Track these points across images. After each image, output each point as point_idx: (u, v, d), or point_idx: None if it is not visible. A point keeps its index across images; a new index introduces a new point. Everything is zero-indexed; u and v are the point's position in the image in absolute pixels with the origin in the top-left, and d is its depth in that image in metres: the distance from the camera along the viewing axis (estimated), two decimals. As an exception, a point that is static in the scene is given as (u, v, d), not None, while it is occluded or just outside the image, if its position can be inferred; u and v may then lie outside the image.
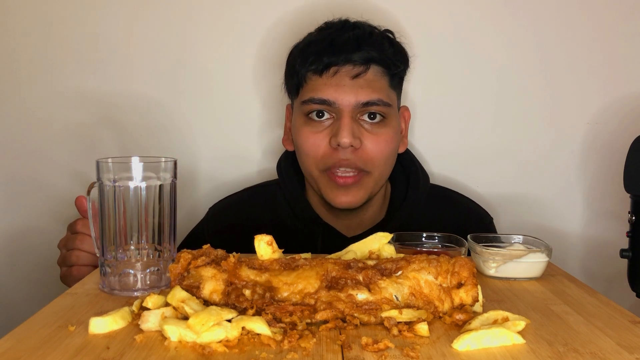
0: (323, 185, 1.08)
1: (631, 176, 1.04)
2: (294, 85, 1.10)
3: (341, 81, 1.04)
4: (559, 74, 1.35)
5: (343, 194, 1.06)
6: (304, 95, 1.07)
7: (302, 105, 1.07)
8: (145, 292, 0.77)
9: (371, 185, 1.08)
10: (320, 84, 1.05)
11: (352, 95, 1.03)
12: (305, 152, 1.07)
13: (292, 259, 0.73)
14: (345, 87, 1.03)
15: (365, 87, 1.04)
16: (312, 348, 0.61)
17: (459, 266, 0.71)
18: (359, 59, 1.03)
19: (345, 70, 1.04)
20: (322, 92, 1.04)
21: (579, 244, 1.39)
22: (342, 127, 1.02)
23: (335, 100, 1.03)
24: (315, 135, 1.05)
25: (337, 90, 1.03)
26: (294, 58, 1.10)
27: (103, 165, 0.79)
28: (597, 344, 0.63)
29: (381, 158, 1.06)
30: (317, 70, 1.05)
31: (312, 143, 1.06)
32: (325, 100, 1.04)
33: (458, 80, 1.36)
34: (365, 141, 1.04)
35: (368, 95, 1.03)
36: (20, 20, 1.33)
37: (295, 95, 1.11)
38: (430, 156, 1.37)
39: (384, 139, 1.06)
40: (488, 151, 1.37)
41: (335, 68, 1.04)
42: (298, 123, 1.09)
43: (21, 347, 0.60)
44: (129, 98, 1.36)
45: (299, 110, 1.09)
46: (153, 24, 1.34)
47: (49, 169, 1.37)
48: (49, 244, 1.37)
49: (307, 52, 1.07)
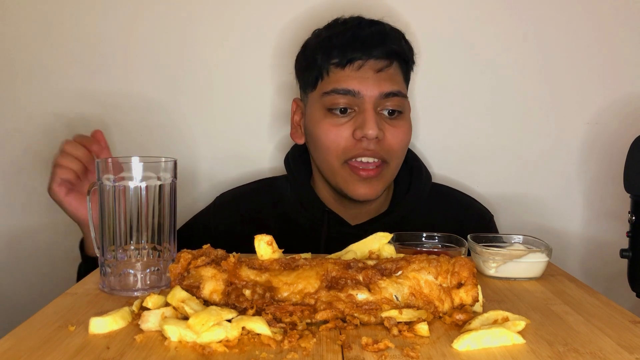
0: (343, 178, 1.09)
1: (631, 176, 1.04)
2: (313, 78, 1.10)
3: (365, 74, 1.06)
4: (559, 74, 1.35)
5: (364, 186, 1.08)
6: (325, 87, 1.08)
7: (322, 97, 1.08)
8: (145, 292, 0.77)
9: (388, 176, 1.11)
10: (344, 76, 1.06)
11: (376, 87, 1.05)
12: (326, 145, 1.08)
13: (292, 259, 0.73)
14: (369, 79, 1.06)
15: (387, 79, 1.07)
16: (312, 348, 0.61)
17: (459, 266, 0.71)
18: (382, 53, 1.07)
19: (369, 64, 1.06)
20: (346, 83, 1.06)
21: (579, 244, 1.39)
22: (368, 119, 1.04)
23: (359, 91, 1.05)
24: (337, 128, 1.07)
25: (361, 82, 1.05)
26: (313, 51, 1.11)
27: (103, 165, 0.79)
28: (597, 344, 0.63)
29: (400, 149, 1.10)
30: (341, 64, 1.07)
31: (335, 135, 1.07)
32: (349, 90, 1.05)
33: (458, 80, 1.36)
34: (387, 133, 1.07)
35: (390, 86, 1.06)
36: (20, 20, 1.33)
37: (312, 88, 1.11)
38: (431, 155, 1.37)
39: (402, 130, 1.09)
40: (488, 151, 1.37)
41: (359, 62, 1.06)
42: (316, 116, 1.09)
43: (21, 347, 0.60)
44: (129, 98, 1.36)
45: (318, 102, 1.09)
46: (153, 24, 1.34)
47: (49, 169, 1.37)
48: (49, 244, 1.38)
49: (329, 45, 1.08)
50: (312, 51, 1.11)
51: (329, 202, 1.17)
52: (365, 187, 1.08)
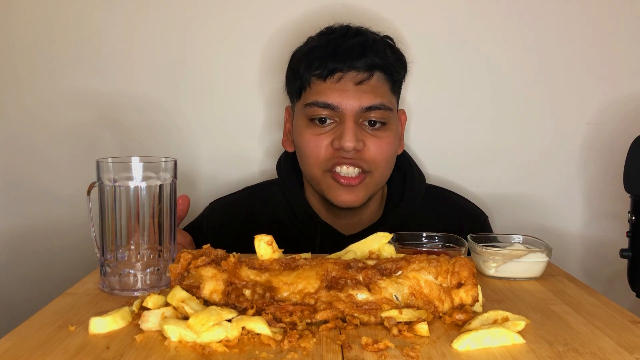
0: (325, 185, 1.09)
1: (631, 176, 1.04)
2: (297, 88, 1.11)
3: (345, 86, 1.05)
4: (559, 74, 1.35)
5: (346, 193, 1.07)
6: (307, 98, 1.08)
7: (304, 108, 1.08)
8: (145, 292, 0.77)
9: (372, 185, 1.10)
10: (325, 89, 1.06)
11: (356, 100, 1.05)
12: (307, 154, 1.09)
13: (292, 259, 0.73)
14: (349, 92, 1.05)
15: (369, 92, 1.05)
16: (312, 348, 0.61)
17: (459, 266, 0.71)
18: (363, 65, 1.05)
19: (350, 76, 1.06)
20: (326, 97, 1.05)
21: (579, 244, 1.39)
22: (346, 131, 1.04)
23: (339, 105, 1.05)
24: (317, 137, 1.07)
25: (341, 95, 1.05)
26: (298, 62, 1.11)
27: (103, 165, 0.79)
28: (597, 344, 0.63)
29: (382, 160, 1.08)
30: (322, 75, 1.06)
31: (315, 145, 1.07)
32: (329, 104, 1.05)
33: (456, 80, 1.36)
34: (368, 143, 1.06)
35: (371, 100, 1.05)
36: (20, 20, 1.33)
37: (297, 97, 1.12)
38: (429, 157, 1.37)
39: (385, 141, 1.08)
40: (488, 151, 1.37)
41: (340, 74, 1.06)
42: (300, 125, 1.10)
43: (21, 347, 0.60)
44: (129, 98, 1.36)
45: (301, 112, 1.10)
46: (153, 24, 1.34)
47: (49, 169, 1.37)
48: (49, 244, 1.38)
49: (312, 56, 1.08)
50: (297, 61, 1.12)
51: (321, 212, 1.17)
52: (347, 194, 1.07)
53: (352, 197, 1.08)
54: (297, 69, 1.10)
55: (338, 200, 1.08)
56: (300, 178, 1.19)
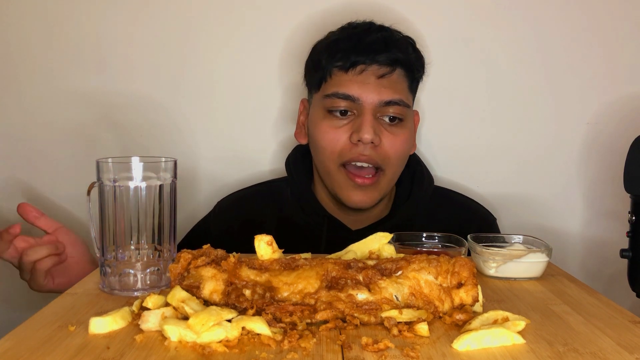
0: (339, 183, 1.09)
1: (631, 176, 1.03)
2: (317, 79, 1.11)
3: (366, 79, 1.06)
4: (559, 74, 1.35)
5: (359, 194, 1.08)
6: (327, 89, 1.08)
7: (324, 99, 1.08)
8: (145, 292, 0.77)
9: (385, 185, 1.10)
10: (346, 80, 1.07)
11: (376, 93, 1.05)
12: (323, 146, 1.08)
13: (292, 259, 0.73)
14: (370, 85, 1.05)
15: (389, 87, 1.06)
16: (312, 348, 0.61)
17: (459, 266, 0.71)
18: (385, 59, 1.06)
19: (372, 69, 1.06)
20: (346, 88, 1.06)
21: (579, 244, 1.39)
22: (365, 123, 1.04)
23: (359, 97, 1.05)
24: (335, 130, 1.07)
25: (362, 88, 1.05)
26: (319, 53, 1.11)
27: (103, 165, 0.79)
28: (597, 344, 0.63)
29: (397, 157, 1.09)
30: (344, 67, 1.07)
31: (332, 137, 1.07)
32: (349, 95, 1.05)
33: (457, 80, 1.36)
34: (384, 139, 1.06)
35: (391, 94, 1.06)
36: (20, 20, 1.33)
37: (316, 89, 1.12)
38: (429, 157, 1.37)
39: (401, 139, 1.08)
40: (488, 151, 1.37)
41: (362, 66, 1.06)
42: (317, 116, 1.10)
43: (21, 347, 0.60)
44: (129, 98, 1.35)
45: (319, 104, 1.10)
46: (154, 24, 1.34)
47: (49, 169, 1.37)
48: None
49: (335, 48, 1.08)
50: (318, 53, 1.12)
51: (329, 206, 1.17)
52: (360, 194, 1.08)
53: (365, 198, 1.08)
54: (318, 60, 1.10)
55: (350, 201, 1.08)
56: (309, 173, 1.19)
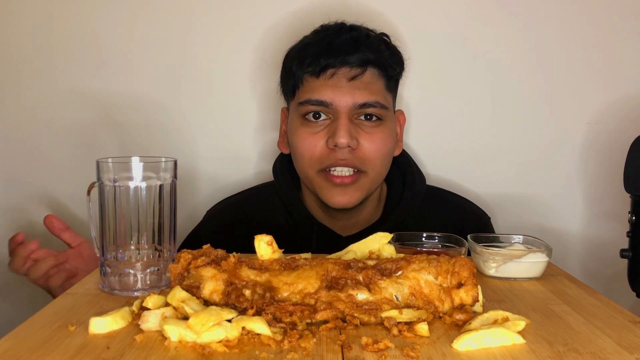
0: (319, 186, 1.08)
1: (631, 176, 1.03)
2: (290, 87, 1.11)
3: (338, 83, 1.04)
4: (559, 74, 1.35)
5: (340, 194, 1.06)
6: (300, 97, 1.07)
7: (298, 107, 1.08)
8: (145, 292, 0.77)
9: (367, 185, 1.08)
10: (317, 85, 1.05)
11: (349, 96, 1.04)
12: (301, 153, 1.08)
13: (292, 259, 0.73)
14: (342, 88, 1.04)
15: (362, 88, 1.04)
16: (312, 348, 0.61)
17: (459, 266, 0.71)
18: (355, 60, 1.04)
19: (342, 72, 1.05)
20: (319, 94, 1.05)
21: (579, 244, 1.39)
22: (340, 127, 1.02)
23: (332, 102, 1.04)
24: (312, 136, 1.06)
25: (334, 92, 1.04)
26: (291, 60, 1.11)
27: (103, 165, 0.79)
28: (597, 344, 0.63)
29: (377, 157, 1.07)
30: (314, 72, 1.05)
31: (309, 144, 1.06)
32: (322, 101, 1.04)
33: (457, 80, 1.36)
34: (362, 141, 1.05)
35: (365, 97, 1.04)
36: (20, 20, 1.33)
37: (291, 96, 1.11)
38: (428, 157, 1.37)
39: (379, 137, 1.06)
40: (488, 151, 1.37)
41: (332, 70, 1.05)
42: (294, 124, 1.09)
43: (21, 347, 0.60)
44: (129, 98, 1.36)
45: (295, 111, 1.09)
46: (153, 24, 1.34)
47: (49, 169, 1.37)
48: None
49: (304, 54, 1.07)
50: (289, 59, 1.11)
51: (318, 213, 1.16)
52: (341, 194, 1.06)
53: (346, 197, 1.06)
54: (290, 68, 1.10)
55: (332, 201, 1.07)
56: (296, 179, 1.18)
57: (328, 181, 1.06)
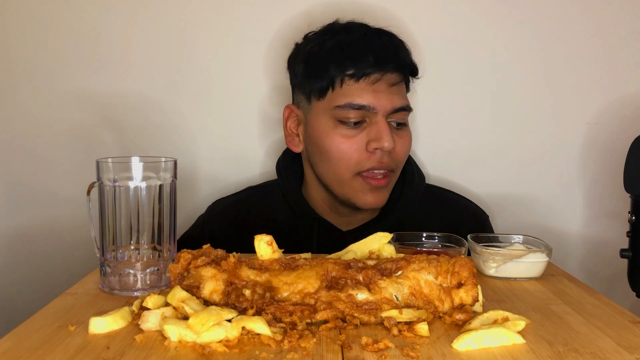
0: (353, 189, 1.08)
1: (631, 176, 1.03)
2: (321, 87, 1.07)
3: (379, 87, 1.05)
4: (559, 73, 1.35)
5: (373, 195, 1.08)
6: (336, 100, 1.05)
7: (334, 110, 1.05)
8: (145, 292, 0.77)
9: (392, 184, 1.12)
10: (358, 89, 1.05)
11: (389, 101, 1.05)
12: (338, 157, 1.06)
13: (292, 259, 0.73)
14: (382, 93, 1.05)
15: (398, 93, 1.07)
16: (312, 348, 0.61)
17: (459, 266, 0.71)
18: (396, 67, 1.07)
19: (385, 78, 1.06)
20: (360, 98, 1.04)
21: (579, 244, 1.39)
22: (384, 131, 1.04)
23: (374, 106, 1.04)
24: (349, 140, 1.05)
25: (376, 97, 1.04)
26: (322, 60, 1.07)
27: (103, 165, 0.79)
28: (597, 344, 0.63)
29: (404, 158, 1.12)
30: (355, 76, 1.05)
31: (348, 147, 1.05)
32: (364, 105, 1.04)
33: (457, 80, 1.36)
34: (396, 143, 1.07)
35: (401, 101, 1.07)
36: (20, 20, 1.33)
37: (318, 96, 1.08)
38: (429, 157, 1.37)
39: (408, 140, 1.11)
40: (488, 151, 1.37)
41: (376, 76, 1.05)
42: (326, 126, 1.07)
43: (21, 347, 0.60)
44: (128, 98, 1.35)
45: (326, 113, 1.07)
46: (153, 24, 1.34)
47: (49, 169, 1.37)
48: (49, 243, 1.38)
49: (342, 56, 1.05)
50: (321, 60, 1.07)
51: (322, 209, 1.16)
52: (375, 196, 1.08)
53: (379, 198, 1.09)
54: (323, 68, 1.06)
55: (365, 203, 1.08)
56: (299, 176, 1.18)
57: (365, 184, 1.07)
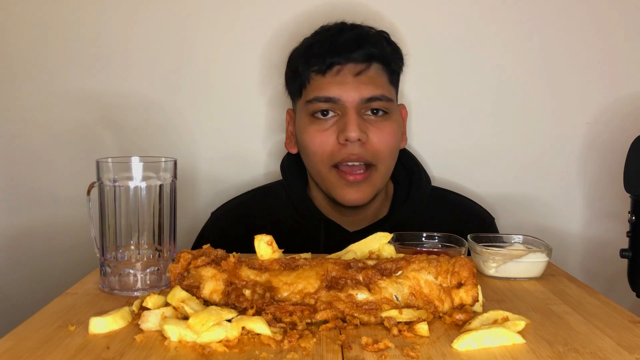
0: (332, 183, 1.09)
1: (631, 176, 1.04)
2: (297, 86, 1.12)
3: (344, 79, 1.06)
4: (559, 73, 1.35)
5: (353, 191, 1.08)
6: (308, 95, 1.09)
7: (306, 105, 1.09)
8: (145, 292, 0.77)
9: (379, 180, 1.10)
10: (324, 83, 1.07)
11: (356, 91, 1.06)
12: (312, 151, 1.09)
13: (292, 259, 0.73)
14: (348, 84, 1.06)
15: (368, 83, 1.07)
16: (312, 348, 0.61)
17: (459, 266, 0.71)
18: (360, 56, 1.07)
19: (348, 68, 1.07)
20: (326, 91, 1.06)
21: (579, 244, 1.39)
22: (349, 122, 1.04)
23: (340, 97, 1.06)
24: (322, 133, 1.07)
25: (341, 88, 1.06)
26: (296, 61, 1.13)
27: (103, 165, 0.79)
28: (597, 344, 0.63)
29: (386, 150, 1.09)
30: (321, 70, 1.07)
31: (320, 141, 1.07)
32: (330, 97, 1.06)
33: (457, 80, 1.36)
34: (371, 134, 1.07)
35: (371, 91, 1.06)
36: (19, 20, 1.33)
37: (298, 96, 1.13)
38: (429, 157, 1.37)
39: (387, 131, 1.09)
40: (488, 151, 1.37)
41: (338, 67, 1.07)
42: (303, 123, 1.11)
43: (21, 347, 0.60)
44: (128, 98, 1.35)
45: (303, 110, 1.11)
46: (153, 24, 1.34)
47: (49, 169, 1.37)
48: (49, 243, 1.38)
49: (309, 53, 1.09)
50: (294, 61, 1.13)
51: (326, 209, 1.17)
52: (354, 192, 1.08)
53: (359, 194, 1.08)
54: (295, 68, 1.11)
55: (345, 199, 1.08)
56: (304, 177, 1.19)
57: (341, 179, 1.08)
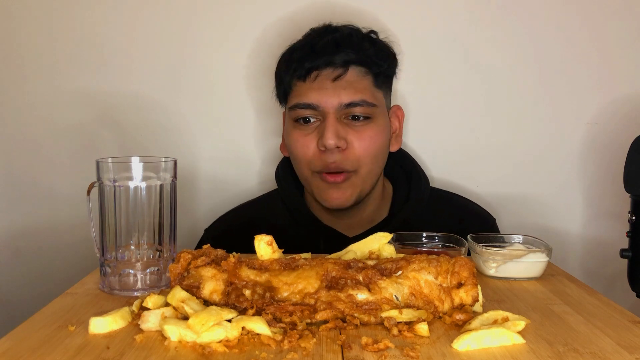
0: (316, 187, 1.09)
1: (631, 176, 1.04)
2: (282, 92, 1.13)
3: (323, 84, 1.06)
4: (559, 73, 1.35)
5: (334, 192, 1.07)
6: (290, 101, 1.10)
7: (290, 111, 1.10)
8: (145, 292, 0.77)
9: (359, 183, 1.08)
10: (305, 89, 1.07)
11: (335, 97, 1.05)
12: (295, 155, 1.10)
13: (292, 259, 0.73)
14: (327, 90, 1.05)
15: (347, 88, 1.05)
16: (312, 348, 0.61)
17: (459, 266, 0.71)
18: (338, 61, 1.05)
19: (326, 73, 1.06)
20: (306, 97, 1.06)
21: (579, 244, 1.39)
22: (327, 128, 1.04)
23: (319, 104, 1.05)
24: (303, 139, 1.07)
25: (320, 94, 1.05)
26: (280, 66, 1.13)
27: (103, 165, 0.79)
28: (597, 344, 0.63)
29: (367, 156, 1.07)
30: (300, 76, 1.07)
31: (302, 145, 1.08)
32: (309, 104, 1.06)
33: (457, 81, 1.35)
34: (352, 140, 1.05)
35: (350, 96, 1.05)
36: (20, 20, 1.33)
37: (284, 102, 1.14)
38: (429, 158, 1.37)
39: (368, 135, 1.06)
40: (488, 151, 1.37)
41: (316, 72, 1.06)
42: (289, 128, 1.11)
43: (21, 347, 0.60)
44: (129, 98, 1.35)
45: (288, 115, 1.12)
46: (153, 24, 1.34)
47: (49, 168, 1.37)
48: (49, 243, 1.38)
49: (291, 59, 1.09)
50: (279, 66, 1.14)
51: (321, 213, 1.16)
52: (335, 193, 1.07)
53: (340, 195, 1.07)
54: (279, 74, 1.12)
55: (328, 201, 1.08)
56: (299, 183, 1.18)
57: (322, 182, 1.08)
